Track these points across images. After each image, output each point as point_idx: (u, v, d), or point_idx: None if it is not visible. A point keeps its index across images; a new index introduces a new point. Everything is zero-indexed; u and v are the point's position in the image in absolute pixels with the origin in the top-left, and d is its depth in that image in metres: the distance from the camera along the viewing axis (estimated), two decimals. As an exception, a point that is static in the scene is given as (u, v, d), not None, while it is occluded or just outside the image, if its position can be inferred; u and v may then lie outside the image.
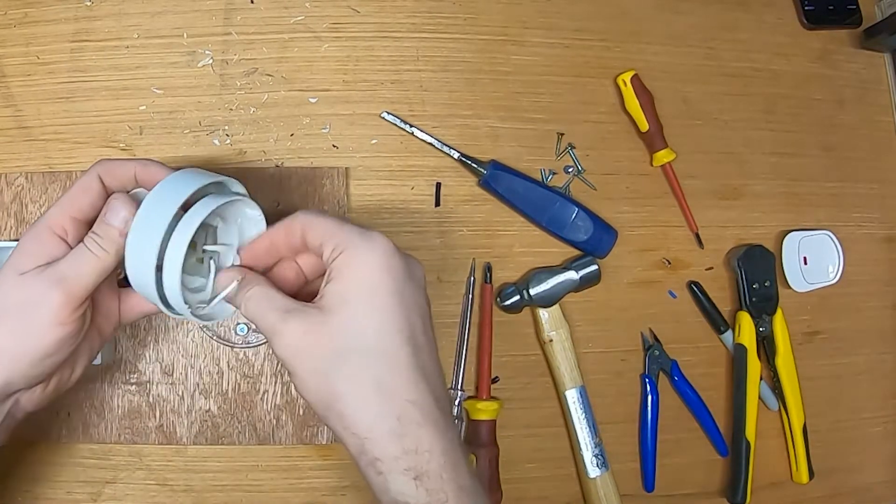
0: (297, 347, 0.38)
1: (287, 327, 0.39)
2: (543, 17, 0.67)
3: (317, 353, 0.38)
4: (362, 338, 0.38)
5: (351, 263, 0.39)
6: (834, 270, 0.66)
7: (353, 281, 0.39)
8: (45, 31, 0.61)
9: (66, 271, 0.41)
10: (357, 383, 0.37)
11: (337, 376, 0.37)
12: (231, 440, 0.58)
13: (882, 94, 0.72)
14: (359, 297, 0.39)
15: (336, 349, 0.38)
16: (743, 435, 0.63)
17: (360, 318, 0.38)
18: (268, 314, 0.40)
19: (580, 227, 0.63)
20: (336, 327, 0.38)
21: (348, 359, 0.38)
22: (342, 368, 0.38)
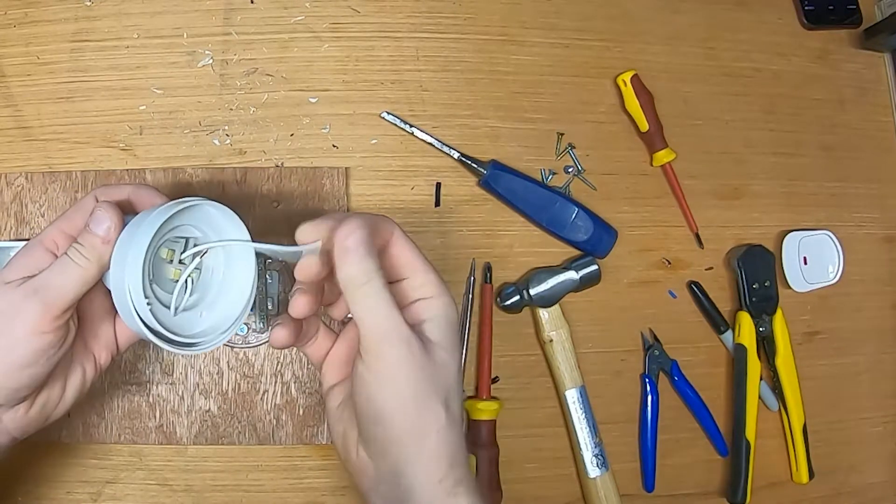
0: (408, 367, 0.39)
1: (412, 349, 0.39)
2: (543, 17, 0.67)
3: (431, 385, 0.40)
4: (456, 380, 0.42)
5: (445, 309, 0.42)
6: (834, 270, 0.66)
7: (448, 328, 0.42)
8: (45, 31, 0.61)
9: (46, 280, 0.41)
10: (454, 419, 0.41)
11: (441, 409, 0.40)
12: (231, 440, 0.58)
13: (882, 94, 0.72)
14: (454, 344, 0.42)
15: (446, 385, 0.40)
16: (743, 435, 0.63)
17: (455, 363, 0.42)
18: (382, 325, 0.39)
19: (580, 227, 0.63)
20: (443, 362, 0.40)
21: (450, 395, 0.41)
22: (447, 403, 0.40)
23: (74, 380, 0.45)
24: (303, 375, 0.59)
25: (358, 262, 0.39)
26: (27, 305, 0.40)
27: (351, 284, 0.39)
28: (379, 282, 0.39)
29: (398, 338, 0.39)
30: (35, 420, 0.43)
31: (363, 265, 0.39)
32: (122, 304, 0.41)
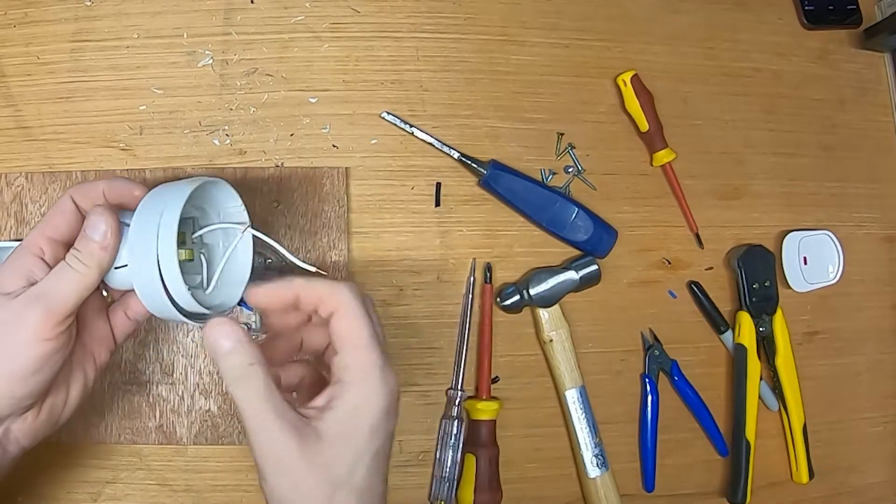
0: (290, 470, 0.38)
1: (286, 445, 0.38)
2: (543, 17, 0.67)
3: (311, 484, 0.38)
4: (353, 478, 0.38)
5: (361, 399, 0.39)
6: (834, 270, 0.66)
7: (358, 420, 0.39)
8: (45, 31, 0.61)
9: (46, 288, 0.41)
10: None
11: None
12: (231, 440, 0.58)
13: (882, 94, 0.72)
14: (360, 438, 0.39)
15: (330, 485, 0.38)
16: (743, 435, 0.63)
17: (356, 460, 0.39)
18: (263, 415, 0.38)
19: (580, 227, 0.63)
20: (333, 464, 0.38)
21: (335, 494, 0.38)
22: (328, 498, 0.38)
23: (77, 381, 0.45)
24: (303, 375, 0.59)
25: (231, 355, 0.39)
26: (29, 314, 0.40)
27: (228, 376, 0.39)
28: (254, 377, 0.38)
29: (268, 435, 0.38)
30: (43, 426, 0.43)
31: (236, 358, 0.39)
32: (152, 295, 0.41)
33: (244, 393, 0.39)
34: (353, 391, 0.39)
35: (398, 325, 0.61)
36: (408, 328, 0.61)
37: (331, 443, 0.38)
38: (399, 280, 0.62)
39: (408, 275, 0.62)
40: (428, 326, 0.62)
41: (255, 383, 0.39)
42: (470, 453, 0.59)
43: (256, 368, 0.39)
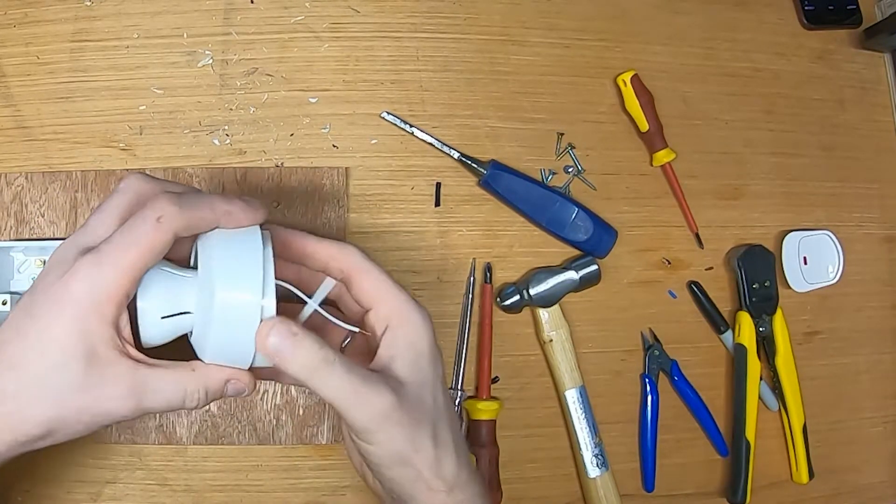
0: (391, 418, 0.39)
1: (383, 400, 0.39)
2: (543, 17, 0.67)
3: (413, 426, 0.40)
4: (437, 405, 0.42)
5: (415, 336, 0.42)
6: (834, 270, 0.66)
7: (419, 354, 0.42)
8: (45, 31, 0.61)
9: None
10: (445, 446, 0.41)
11: (430, 442, 0.40)
12: (231, 440, 0.58)
13: (882, 94, 0.72)
14: (429, 369, 0.42)
15: (429, 418, 0.41)
16: (743, 435, 0.63)
17: (433, 388, 0.42)
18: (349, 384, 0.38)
19: (580, 227, 0.63)
20: (420, 399, 0.41)
21: (437, 424, 0.41)
22: (434, 434, 0.41)
23: None
24: (303, 375, 0.59)
25: (293, 359, 0.37)
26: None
27: (302, 377, 0.38)
28: (324, 366, 0.38)
29: (369, 408, 0.38)
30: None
31: (299, 359, 0.37)
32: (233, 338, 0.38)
33: (320, 383, 0.38)
34: (402, 332, 0.42)
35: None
36: (408, 328, 0.61)
37: (411, 380, 0.41)
38: (399, 280, 0.61)
39: (408, 275, 0.62)
40: (428, 326, 0.62)
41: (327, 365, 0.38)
42: (470, 453, 0.59)
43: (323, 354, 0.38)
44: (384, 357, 0.42)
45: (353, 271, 0.43)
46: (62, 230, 0.58)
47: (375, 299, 0.43)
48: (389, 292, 0.43)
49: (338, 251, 0.43)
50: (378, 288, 0.43)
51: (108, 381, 0.37)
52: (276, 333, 0.37)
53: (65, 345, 0.36)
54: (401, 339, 0.42)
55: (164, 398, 0.38)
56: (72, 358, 0.36)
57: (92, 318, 0.36)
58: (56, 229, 0.58)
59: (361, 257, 0.43)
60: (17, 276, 0.57)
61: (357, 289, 0.43)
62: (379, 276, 0.43)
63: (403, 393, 0.40)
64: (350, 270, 0.43)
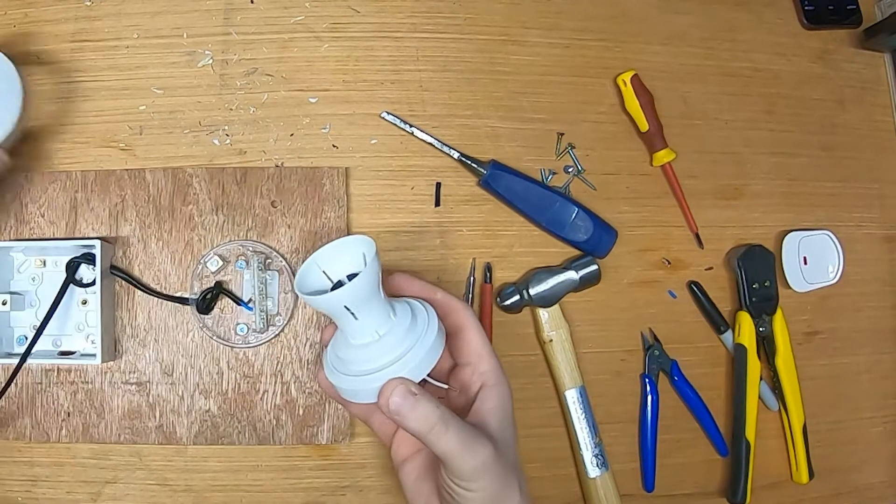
0: (488, 467, 0.43)
1: (486, 452, 0.43)
2: (543, 17, 0.67)
3: (508, 477, 0.44)
4: (515, 457, 0.46)
5: (504, 397, 0.47)
6: (834, 270, 0.66)
7: (505, 411, 0.47)
8: (45, 31, 0.61)
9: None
10: (526, 498, 0.46)
11: (518, 494, 0.45)
12: (231, 440, 0.58)
13: (882, 94, 0.72)
14: (510, 425, 0.47)
15: (516, 472, 0.45)
16: (743, 435, 0.63)
17: (513, 441, 0.47)
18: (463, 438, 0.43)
19: (580, 227, 0.63)
20: (505, 450, 0.45)
21: (521, 478, 0.46)
22: (521, 487, 0.45)
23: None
24: (302, 375, 0.59)
25: (413, 419, 0.42)
26: None
27: (420, 434, 0.42)
28: (440, 424, 0.42)
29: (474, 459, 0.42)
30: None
31: (418, 420, 0.42)
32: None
33: (435, 439, 0.42)
34: (496, 391, 0.47)
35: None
36: (408, 328, 0.61)
37: (500, 437, 0.45)
38: (399, 280, 0.62)
39: (408, 275, 0.62)
40: (428, 326, 0.62)
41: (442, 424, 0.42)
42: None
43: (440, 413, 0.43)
44: (481, 412, 0.46)
45: (465, 328, 0.48)
46: (62, 230, 0.58)
47: (478, 357, 0.48)
48: (490, 353, 0.48)
49: (458, 306, 0.49)
50: (482, 347, 0.48)
51: None
52: (398, 394, 0.42)
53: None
54: (495, 398, 0.47)
55: None
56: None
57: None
58: (56, 229, 0.58)
59: (472, 316, 0.49)
60: (17, 276, 0.58)
61: (463, 343, 0.48)
62: (483, 335, 0.48)
63: (497, 446, 0.44)
64: (462, 326, 0.48)
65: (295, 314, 0.59)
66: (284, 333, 0.59)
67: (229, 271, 0.59)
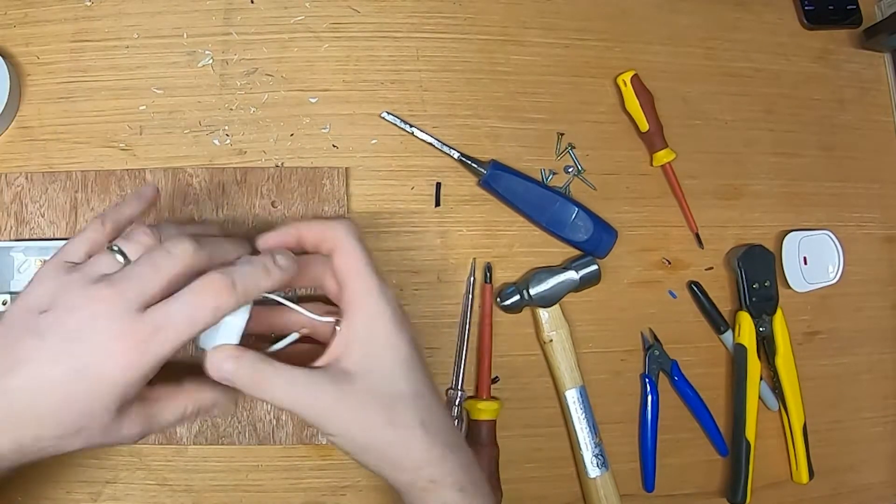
0: (335, 411, 0.41)
1: (325, 402, 0.41)
2: (543, 17, 0.67)
3: (365, 414, 0.41)
4: (399, 388, 0.42)
5: (370, 321, 0.43)
6: (834, 270, 0.66)
7: (375, 336, 0.43)
8: (45, 31, 0.61)
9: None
10: (406, 427, 0.42)
11: (388, 428, 0.41)
12: (231, 440, 0.58)
13: (882, 94, 0.72)
14: (384, 352, 0.42)
15: (381, 405, 0.41)
16: (743, 435, 0.63)
17: (391, 371, 0.42)
18: (287, 390, 0.41)
19: (580, 227, 0.63)
20: (371, 384, 0.42)
21: (394, 409, 0.42)
22: (391, 420, 0.41)
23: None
24: (303, 375, 0.59)
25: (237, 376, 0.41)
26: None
27: (249, 392, 0.41)
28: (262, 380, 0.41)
29: (313, 406, 0.41)
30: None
31: (242, 377, 0.41)
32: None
33: (267, 392, 0.41)
34: (359, 313, 0.42)
35: (398, 325, 0.61)
36: (408, 328, 0.61)
37: (362, 370, 0.41)
38: (399, 280, 0.62)
39: (408, 275, 0.62)
40: (428, 326, 0.62)
41: (269, 377, 0.41)
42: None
43: (260, 367, 0.41)
44: (335, 350, 0.43)
45: (334, 249, 0.44)
46: (62, 230, 0.58)
47: (347, 277, 0.43)
48: (360, 272, 0.43)
49: (327, 229, 0.44)
50: (349, 269, 0.43)
51: (129, 423, 0.41)
52: (223, 357, 0.41)
53: (107, 402, 0.39)
54: (356, 327, 0.42)
55: (166, 425, 0.43)
56: (108, 412, 0.39)
57: (136, 383, 0.39)
58: (56, 229, 0.58)
59: (346, 233, 0.44)
60: (17, 276, 0.57)
61: (336, 263, 0.44)
62: (353, 257, 0.43)
63: (349, 384, 0.41)
64: (332, 248, 0.44)
65: (295, 314, 0.59)
66: (284, 333, 0.59)
67: (229, 271, 0.59)
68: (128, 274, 0.40)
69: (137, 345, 0.38)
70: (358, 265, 0.43)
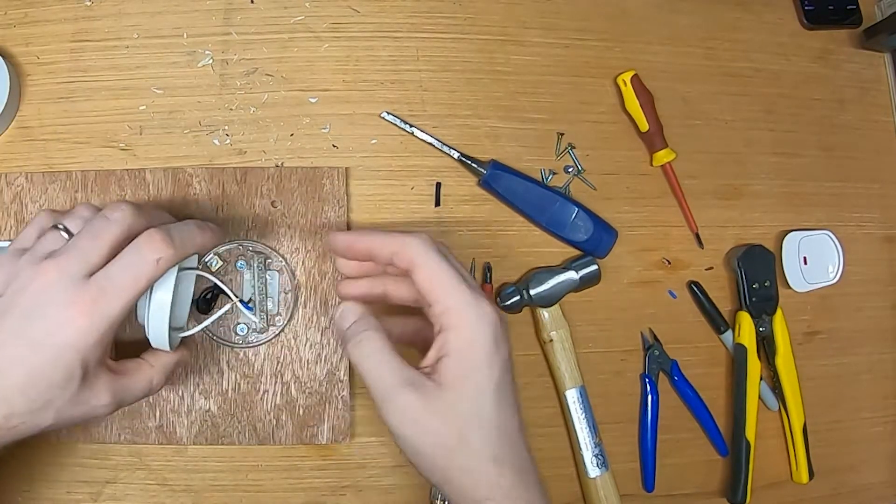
0: (416, 422, 0.40)
1: (406, 400, 0.40)
2: (543, 17, 0.67)
3: (439, 430, 0.40)
4: (481, 415, 0.41)
5: (466, 339, 0.41)
6: (834, 270, 0.66)
7: (468, 359, 0.41)
8: (45, 31, 0.61)
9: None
10: (478, 458, 0.40)
11: (459, 453, 0.40)
12: (231, 440, 0.58)
13: (882, 94, 0.72)
14: (476, 375, 0.41)
15: (458, 427, 0.40)
16: (743, 435, 0.63)
17: (479, 396, 0.41)
18: (384, 378, 0.41)
19: (580, 227, 0.63)
20: (457, 406, 0.40)
21: (470, 437, 0.40)
22: (465, 445, 0.40)
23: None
24: (303, 375, 0.59)
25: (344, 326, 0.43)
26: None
27: (349, 347, 0.43)
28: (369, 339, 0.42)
29: (402, 400, 0.40)
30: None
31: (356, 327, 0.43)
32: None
33: (363, 357, 0.42)
34: (454, 334, 0.41)
35: (398, 325, 0.61)
36: (408, 328, 0.61)
37: (450, 387, 0.40)
38: (399, 280, 0.62)
39: (408, 275, 0.62)
40: (428, 326, 0.62)
41: (372, 347, 0.42)
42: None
43: (371, 334, 0.43)
44: (433, 356, 0.42)
45: (413, 267, 0.43)
46: (62, 230, 0.58)
47: (434, 294, 0.43)
48: (444, 290, 0.42)
49: (400, 246, 0.44)
50: (433, 285, 0.42)
51: (97, 393, 0.43)
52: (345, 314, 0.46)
53: (69, 371, 0.41)
54: (452, 341, 0.41)
55: (136, 395, 0.47)
56: (72, 380, 0.41)
57: (94, 348, 0.41)
58: (56, 229, 0.58)
59: (422, 250, 0.43)
60: (17, 276, 0.57)
61: (417, 280, 0.43)
62: (435, 271, 0.43)
63: (435, 398, 0.40)
64: (410, 266, 0.43)
65: (295, 314, 0.59)
66: (284, 333, 0.59)
67: (229, 271, 0.59)
68: (70, 245, 0.42)
69: (87, 308, 0.40)
70: (443, 280, 0.42)
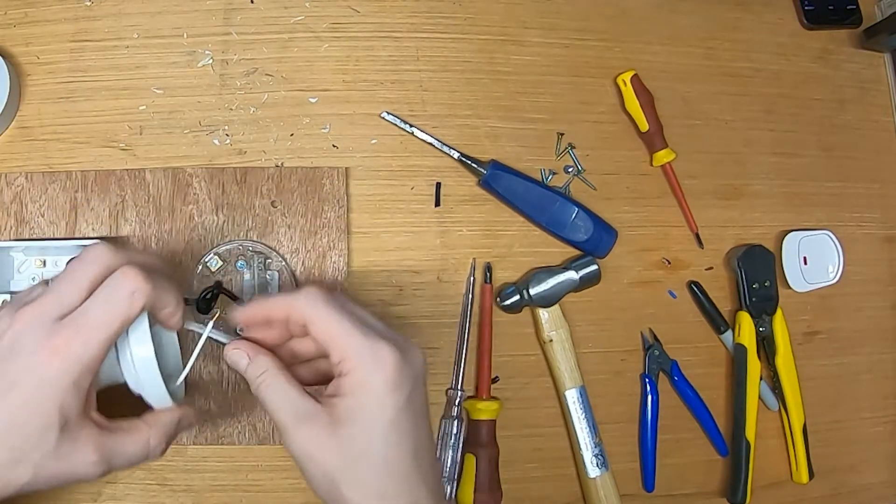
0: (307, 452, 0.41)
1: (300, 432, 0.41)
2: (543, 17, 0.67)
3: (327, 460, 0.41)
4: (370, 450, 0.41)
5: (358, 381, 0.41)
6: (834, 270, 0.66)
7: (359, 399, 0.41)
8: (45, 31, 0.61)
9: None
10: (362, 492, 0.41)
11: (345, 484, 0.40)
12: (231, 440, 0.58)
13: (882, 94, 0.72)
14: (366, 414, 0.41)
15: (345, 459, 0.41)
16: (743, 435, 0.63)
17: (370, 433, 0.41)
18: (282, 411, 0.42)
19: (580, 227, 0.63)
20: (346, 440, 0.41)
21: (356, 469, 0.41)
22: (350, 477, 0.41)
23: None
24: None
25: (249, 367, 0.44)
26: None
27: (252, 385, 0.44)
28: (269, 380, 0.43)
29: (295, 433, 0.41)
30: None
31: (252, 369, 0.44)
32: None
33: (265, 395, 0.43)
34: (347, 378, 0.41)
35: (398, 326, 0.61)
36: (408, 328, 0.61)
37: (342, 424, 0.41)
38: (399, 280, 0.62)
39: (408, 275, 0.62)
40: (428, 326, 0.62)
41: (272, 384, 0.43)
42: (470, 453, 0.59)
43: (269, 373, 0.43)
44: (331, 392, 0.43)
45: (307, 323, 0.43)
46: (62, 230, 0.58)
47: (329, 345, 0.42)
48: (339, 340, 0.42)
49: (289, 307, 0.44)
50: (327, 336, 0.42)
51: (81, 448, 0.40)
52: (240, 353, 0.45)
53: (45, 418, 0.38)
54: (345, 385, 0.41)
55: (130, 459, 0.42)
56: (50, 429, 0.38)
57: (70, 391, 0.38)
58: (56, 229, 0.58)
59: (311, 305, 0.43)
60: (17, 276, 0.57)
61: (312, 334, 0.43)
62: (327, 323, 0.42)
63: (329, 434, 0.41)
64: (305, 323, 0.43)
65: (295, 314, 0.59)
66: (284, 333, 0.59)
67: (229, 271, 0.59)
68: (47, 290, 0.40)
69: (60, 350, 0.38)
70: (336, 330, 0.42)
